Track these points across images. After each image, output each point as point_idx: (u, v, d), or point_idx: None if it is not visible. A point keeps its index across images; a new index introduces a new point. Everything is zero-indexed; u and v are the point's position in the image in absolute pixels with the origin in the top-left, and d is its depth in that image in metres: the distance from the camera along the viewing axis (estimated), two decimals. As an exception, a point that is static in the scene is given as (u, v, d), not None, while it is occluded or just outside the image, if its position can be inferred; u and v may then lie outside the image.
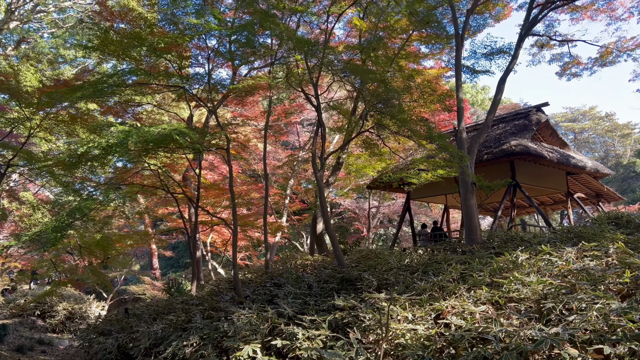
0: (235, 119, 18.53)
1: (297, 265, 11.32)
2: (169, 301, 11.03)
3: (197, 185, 13.32)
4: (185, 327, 8.81)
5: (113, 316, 11.43)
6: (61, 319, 16.73)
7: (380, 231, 28.37)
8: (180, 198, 14.73)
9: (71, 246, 13.51)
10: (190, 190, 14.18)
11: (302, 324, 6.80)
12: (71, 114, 12.83)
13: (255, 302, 8.70)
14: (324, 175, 19.60)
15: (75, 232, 12.19)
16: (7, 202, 17.79)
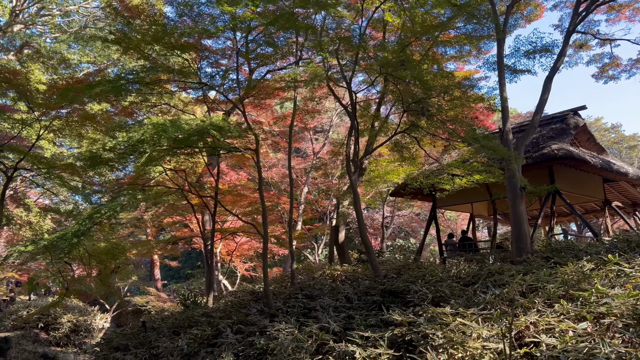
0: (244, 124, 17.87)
1: (326, 276, 10.58)
2: (189, 314, 10.25)
3: (215, 190, 12.63)
4: (214, 343, 8.05)
5: (128, 329, 10.62)
6: (66, 331, 15.88)
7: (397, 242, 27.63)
8: (195, 205, 14.01)
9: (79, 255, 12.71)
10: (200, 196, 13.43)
11: (354, 341, 6.07)
12: (84, 113, 12.13)
13: (289, 316, 7.96)
14: (342, 182, 18.93)
15: (85, 240, 11.47)
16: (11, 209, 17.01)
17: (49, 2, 25.48)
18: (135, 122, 10.98)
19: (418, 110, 8.73)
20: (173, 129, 6.26)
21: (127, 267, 16.50)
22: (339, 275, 10.37)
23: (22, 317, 15.97)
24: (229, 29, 10.10)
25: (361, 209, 9.36)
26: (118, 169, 15.07)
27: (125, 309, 22.89)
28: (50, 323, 15.93)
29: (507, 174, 9.07)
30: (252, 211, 15.60)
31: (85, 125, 12.69)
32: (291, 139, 10.92)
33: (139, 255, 24.18)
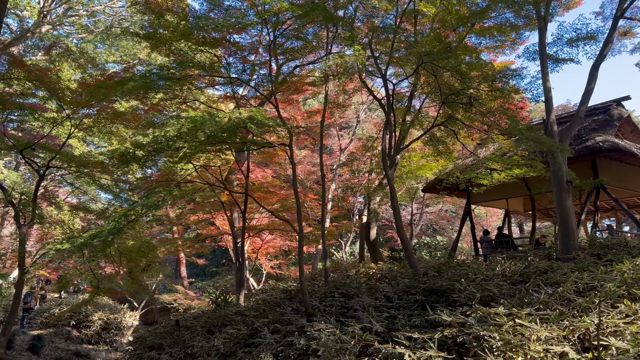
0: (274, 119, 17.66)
1: (361, 274, 10.32)
2: (222, 312, 10.11)
3: (245, 187, 12.46)
4: (250, 343, 7.86)
5: (161, 328, 10.53)
6: (97, 329, 15.93)
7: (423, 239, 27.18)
8: (224, 202, 13.88)
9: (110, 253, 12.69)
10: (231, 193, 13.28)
11: (401, 343, 5.79)
12: (113, 111, 12.08)
13: (327, 315, 7.71)
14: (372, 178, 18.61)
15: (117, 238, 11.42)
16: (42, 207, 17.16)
17: (75, 3, 25.71)
18: (165, 119, 10.80)
19: (464, 101, 8.37)
20: (211, 123, 6.07)
21: (156, 265, 16.47)
22: (374, 274, 10.09)
23: (54, 315, 16.07)
24: (259, 23, 9.87)
25: (398, 204, 9.06)
26: (148, 167, 15.08)
27: (154, 307, 23.02)
28: (81, 321, 15.99)
29: (552, 168, 8.66)
30: (281, 208, 15.41)
31: (115, 123, 12.64)
32: (322, 133, 10.65)
33: (166, 253, 24.25)
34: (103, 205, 22.48)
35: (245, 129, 7.22)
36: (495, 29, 11.52)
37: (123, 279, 14.18)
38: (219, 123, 6.19)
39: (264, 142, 8.88)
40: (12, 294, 21.01)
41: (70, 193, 28.13)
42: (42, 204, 16.88)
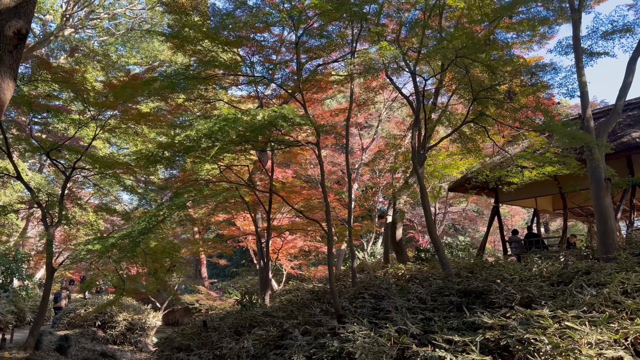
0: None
1: (389, 275, 10.13)
2: (249, 313, 10.01)
3: (270, 187, 12.36)
4: (280, 344, 7.74)
5: (188, 329, 10.48)
6: (122, 330, 15.99)
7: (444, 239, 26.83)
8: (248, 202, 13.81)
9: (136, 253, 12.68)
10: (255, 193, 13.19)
11: (440, 345, 5.60)
12: (137, 112, 12.09)
13: (358, 317, 7.54)
14: (396, 177, 18.39)
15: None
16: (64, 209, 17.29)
17: (97, 6, 25.95)
18: (192, 119, 10.74)
19: (501, 96, 8.14)
20: (243, 120, 5.95)
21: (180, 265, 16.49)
22: (403, 274, 9.90)
23: (79, 316, 16.19)
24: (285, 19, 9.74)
25: (429, 203, 8.85)
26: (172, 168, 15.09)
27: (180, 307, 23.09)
28: (106, 321, 16.08)
29: (589, 164, 8.36)
30: (304, 208, 15.29)
31: (139, 124, 12.65)
32: (348, 132, 10.50)
33: (189, 253, 24.32)
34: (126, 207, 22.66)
35: (274, 127, 7.10)
36: (525, 24, 11.24)
37: (147, 279, 14.19)
38: (251, 121, 6.08)
39: (292, 141, 8.75)
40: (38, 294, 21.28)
41: (92, 195, 28.41)
42: (66, 205, 17.01)
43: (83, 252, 7.26)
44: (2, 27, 7.85)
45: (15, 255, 17.69)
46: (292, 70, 15.73)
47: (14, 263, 17.70)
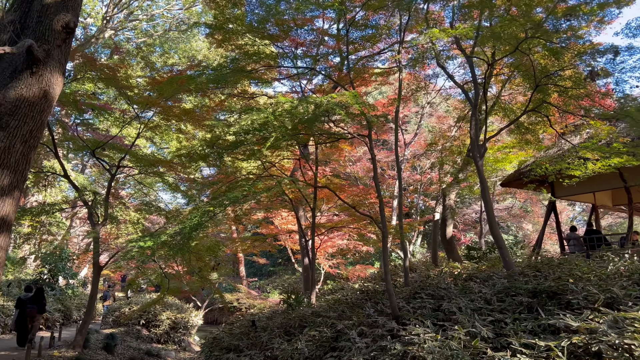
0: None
1: (444, 274, 9.63)
2: (298, 313, 9.67)
3: (314, 181, 12.03)
4: (335, 346, 7.38)
5: (236, 329, 10.24)
6: (165, 328, 15.98)
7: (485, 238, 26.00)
8: (291, 199, 13.52)
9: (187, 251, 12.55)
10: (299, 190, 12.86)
11: (519, 350, 5.12)
12: (181, 108, 11.96)
13: (418, 318, 7.10)
14: (442, 173, 17.78)
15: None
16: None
17: (136, 8, 26.22)
18: (246, 110, 10.49)
19: (587, 77, 7.55)
20: (300, 110, 5.61)
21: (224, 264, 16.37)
22: (459, 274, 9.38)
23: (124, 314, 16.28)
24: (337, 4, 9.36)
25: (490, 197, 8.32)
26: (215, 165, 14.93)
27: (219, 306, 23.06)
28: (150, 320, 16.11)
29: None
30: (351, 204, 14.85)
31: (182, 120, 12.52)
32: (397, 123, 10.03)
33: (228, 251, 24.27)
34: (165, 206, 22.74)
35: (327, 117, 6.74)
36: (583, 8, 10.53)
37: (190, 278, 14.09)
38: (308, 108, 5.73)
39: (342, 134, 8.36)
40: (83, 293, 21.62)
41: (132, 195, 28.79)
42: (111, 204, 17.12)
43: (135, 250, 7.09)
44: (50, 21, 7.77)
45: (61, 254, 17.94)
46: (330, 65, 15.40)
47: (60, 262, 17.96)
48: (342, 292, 12.71)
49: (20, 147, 7.21)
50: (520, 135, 10.08)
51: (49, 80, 7.55)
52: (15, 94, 7.19)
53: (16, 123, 7.17)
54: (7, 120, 7.11)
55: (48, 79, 7.52)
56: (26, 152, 7.32)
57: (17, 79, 7.26)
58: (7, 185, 7.01)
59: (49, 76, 7.53)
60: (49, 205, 11.84)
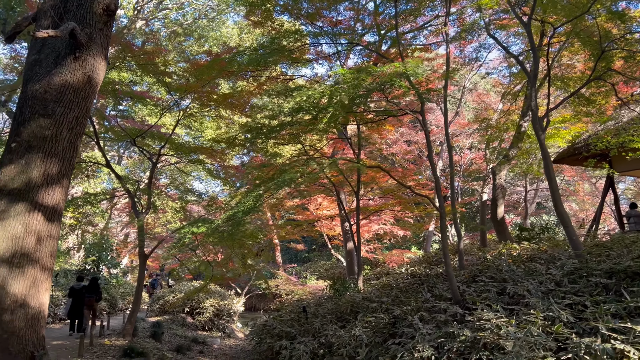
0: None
1: (502, 256, 9.17)
2: (349, 299, 9.39)
3: (357, 166, 11.64)
4: (395, 332, 7.06)
5: (285, 315, 10.04)
6: (209, 316, 15.99)
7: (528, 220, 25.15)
8: (333, 182, 13.19)
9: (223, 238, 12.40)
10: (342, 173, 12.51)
11: (611, 336, 4.68)
12: (220, 94, 11.72)
13: (484, 302, 6.69)
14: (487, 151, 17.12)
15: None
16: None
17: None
18: (296, 90, 10.17)
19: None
20: (362, 80, 5.22)
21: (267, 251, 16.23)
22: (519, 255, 8.89)
23: (168, 302, 16.36)
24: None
25: (554, 174, 7.78)
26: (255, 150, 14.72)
27: (257, 293, 23.08)
28: (194, 308, 16.14)
29: None
30: (388, 188, 14.47)
31: (221, 106, 12.29)
32: (446, 97, 9.50)
33: (267, 238, 24.20)
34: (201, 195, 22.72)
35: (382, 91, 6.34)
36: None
37: (234, 265, 13.98)
38: (366, 80, 5.33)
39: (390, 111, 7.94)
40: (126, 282, 21.95)
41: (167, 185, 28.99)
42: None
43: (188, 236, 6.90)
44: (90, 4, 7.57)
45: (104, 244, 18.16)
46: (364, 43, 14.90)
47: (103, 252, 18.19)
48: (389, 277, 12.37)
49: (67, 135, 7.07)
50: (579, 107, 9.44)
51: (92, 65, 7.37)
52: (59, 80, 7.04)
53: (62, 110, 7.03)
54: (53, 107, 6.97)
55: (91, 63, 7.34)
56: (73, 140, 7.18)
57: (60, 64, 7.10)
58: (55, 173, 6.89)
59: (92, 61, 7.35)
60: (93, 195, 11.85)
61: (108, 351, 9.43)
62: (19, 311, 6.18)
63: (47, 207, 6.64)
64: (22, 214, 6.40)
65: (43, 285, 6.60)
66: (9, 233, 6.27)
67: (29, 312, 6.30)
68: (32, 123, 6.74)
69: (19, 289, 6.23)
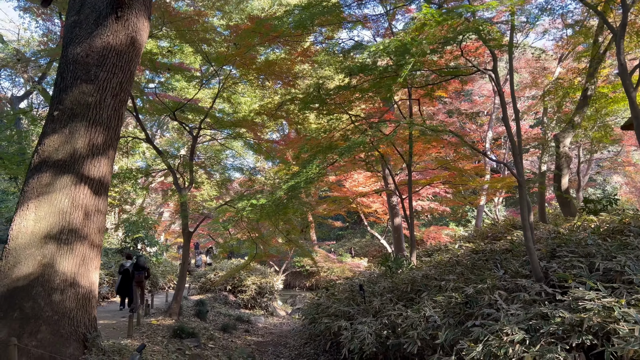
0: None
1: (578, 229, 8.36)
2: (405, 276, 8.77)
3: (409, 135, 10.91)
4: (471, 313, 6.40)
5: (339, 294, 9.49)
6: (252, 294, 15.65)
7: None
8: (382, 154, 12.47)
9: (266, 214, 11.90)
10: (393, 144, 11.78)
11: None
12: (261, 61, 11.06)
13: (578, 279, 5.96)
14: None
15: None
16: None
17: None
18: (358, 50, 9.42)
19: None
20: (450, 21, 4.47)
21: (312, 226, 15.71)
22: (597, 227, 8.07)
23: (210, 280, 16.09)
24: None
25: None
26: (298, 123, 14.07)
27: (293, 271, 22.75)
28: (236, 286, 15.83)
29: None
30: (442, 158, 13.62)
31: (263, 74, 11.64)
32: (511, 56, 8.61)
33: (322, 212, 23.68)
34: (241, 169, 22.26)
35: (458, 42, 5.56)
36: None
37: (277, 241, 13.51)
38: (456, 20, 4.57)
39: (462, 69, 7.15)
40: (165, 260, 21.83)
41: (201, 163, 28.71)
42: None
43: (247, 208, 6.38)
44: (132, -41, 6.96)
45: (142, 222, 17.97)
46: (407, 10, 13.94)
47: (142, 230, 18.01)
48: (442, 254, 11.71)
49: (111, 102, 6.54)
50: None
51: (135, 26, 6.78)
52: (101, 43, 6.48)
53: (105, 75, 6.49)
54: (96, 72, 6.43)
55: (134, 23, 6.76)
56: (117, 107, 6.66)
57: (101, 25, 6.53)
58: (101, 143, 6.39)
59: (134, 21, 6.76)
60: (134, 170, 11.46)
61: (157, 331, 9.10)
62: (69, 291, 5.77)
63: (93, 180, 6.18)
64: (68, 187, 5.95)
65: (92, 263, 6.18)
66: (56, 208, 5.83)
67: (79, 292, 5.90)
68: (74, 89, 6.24)
69: (69, 267, 5.81)
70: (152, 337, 8.44)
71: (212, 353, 8.26)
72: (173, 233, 34.23)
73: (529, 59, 19.64)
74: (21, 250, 5.64)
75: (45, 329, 5.46)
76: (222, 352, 8.59)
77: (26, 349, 5.18)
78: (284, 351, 9.85)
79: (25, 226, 5.72)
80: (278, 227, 11.82)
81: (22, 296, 5.47)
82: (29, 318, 5.40)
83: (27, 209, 5.80)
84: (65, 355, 5.49)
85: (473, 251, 9.61)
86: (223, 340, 9.99)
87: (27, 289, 5.51)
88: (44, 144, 6.06)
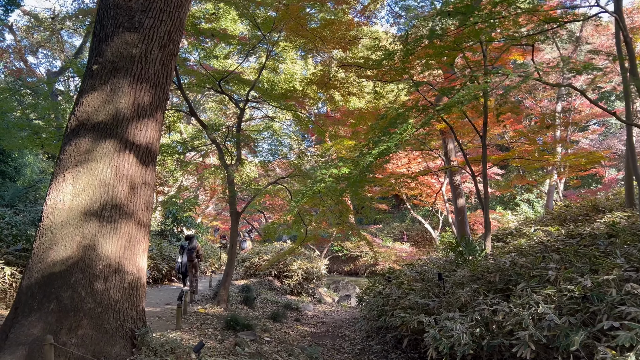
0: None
1: None
2: (495, 266, 7.55)
3: (484, 108, 9.61)
4: (594, 310, 5.19)
5: (413, 283, 8.36)
6: (298, 279, 14.70)
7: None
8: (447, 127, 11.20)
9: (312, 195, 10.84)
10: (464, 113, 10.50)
11: None
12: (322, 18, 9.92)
13: None
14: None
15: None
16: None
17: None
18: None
19: None
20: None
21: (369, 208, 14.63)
22: None
23: (254, 265, 15.24)
24: None
25: None
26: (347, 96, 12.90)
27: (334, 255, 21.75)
28: (282, 271, 14.91)
29: None
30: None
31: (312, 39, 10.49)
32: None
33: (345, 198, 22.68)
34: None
35: None
36: None
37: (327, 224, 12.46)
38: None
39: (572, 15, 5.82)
40: (205, 242, 21.12)
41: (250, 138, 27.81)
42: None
43: (327, 178, 5.33)
44: None
45: (182, 203, 17.23)
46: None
47: (182, 212, 17.29)
48: (516, 238, 10.44)
49: (158, 54, 5.49)
50: None
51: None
52: (146, -17, 5.48)
53: (151, 22, 5.42)
54: (140, 18, 5.37)
55: (184, -40, 5.73)
56: (166, 61, 5.59)
57: (146, -38, 5.54)
58: (147, 104, 5.35)
59: (184, -44, 5.73)
60: (179, 142, 10.58)
61: (206, 321, 8.21)
62: (113, 278, 4.82)
63: (139, 147, 5.18)
64: (110, 155, 4.96)
65: (140, 245, 5.21)
66: (97, 179, 4.86)
67: (125, 279, 4.94)
68: (115, 39, 5.22)
69: (113, 250, 4.86)
70: (202, 329, 7.54)
71: (270, 348, 7.29)
72: (208, 216, 33.85)
73: (598, 24, 17.76)
74: (57, 229, 4.71)
75: (86, 324, 4.53)
76: (281, 346, 7.62)
77: (64, 349, 4.26)
78: (344, 345, 8.84)
79: (62, 201, 4.78)
80: (331, 207, 10.76)
81: (59, 284, 4.55)
82: (68, 310, 4.48)
83: (64, 180, 4.85)
84: (110, 355, 4.56)
85: (569, 235, 8.31)
86: (276, 332, 9.03)
87: (65, 275, 4.58)
88: (81, 104, 5.09)
